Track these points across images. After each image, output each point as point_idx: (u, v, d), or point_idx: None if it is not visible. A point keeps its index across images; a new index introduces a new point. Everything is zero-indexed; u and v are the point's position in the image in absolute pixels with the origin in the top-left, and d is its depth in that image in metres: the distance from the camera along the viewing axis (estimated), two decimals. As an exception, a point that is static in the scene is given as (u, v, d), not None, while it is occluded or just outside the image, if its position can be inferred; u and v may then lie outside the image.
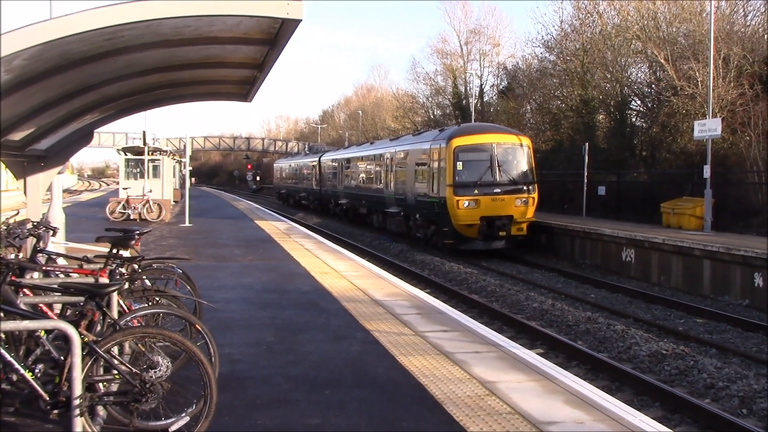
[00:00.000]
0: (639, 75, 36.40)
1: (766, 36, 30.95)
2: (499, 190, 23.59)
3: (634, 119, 36.31)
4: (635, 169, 30.94)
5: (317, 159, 47.71)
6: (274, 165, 73.97)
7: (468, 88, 57.44)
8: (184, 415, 5.22)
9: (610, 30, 35.89)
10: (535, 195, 24.33)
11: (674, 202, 23.39)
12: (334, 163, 42.54)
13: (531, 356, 8.00)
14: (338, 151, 45.50)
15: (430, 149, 25.46)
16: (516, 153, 24.40)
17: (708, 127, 21.62)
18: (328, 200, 43.92)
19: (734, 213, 22.49)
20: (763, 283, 16.19)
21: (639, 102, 36.32)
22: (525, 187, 23.94)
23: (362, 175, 35.93)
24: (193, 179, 70.71)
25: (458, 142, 23.90)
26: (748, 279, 16.60)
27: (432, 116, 60.10)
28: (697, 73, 27.35)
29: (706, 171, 21.43)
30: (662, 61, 30.16)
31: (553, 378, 7.04)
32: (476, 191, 23.40)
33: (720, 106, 26.02)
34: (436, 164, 24.67)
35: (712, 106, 23.49)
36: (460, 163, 23.63)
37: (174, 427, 5.14)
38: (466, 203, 23.28)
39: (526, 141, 25.00)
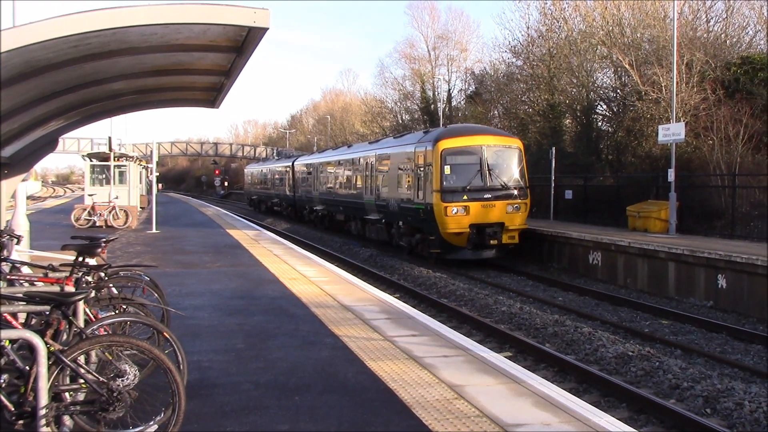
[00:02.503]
0: (604, 80, 36.90)
1: (728, 42, 31.58)
2: (490, 196, 22.29)
3: (600, 123, 36.77)
4: (601, 173, 31.28)
5: (291, 163, 46.17)
6: (245, 170, 72.46)
7: (436, 93, 57.78)
8: (152, 423, 5.20)
9: (576, 35, 36.30)
10: (528, 200, 23.23)
11: (640, 205, 23.68)
12: (308, 168, 41.05)
13: (499, 360, 8.07)
14: (313, 155, 43.90)
15: (414, 152, 24.14)
16: (507, 156, 23.20)
17: (672, 132, 21.95)
18: (303, 206, 42.49)
19: (698, 216, 22.83)
20: (727, 284, 16.47)
21: (605, 106, 36.78)
22: (517, 192, 22.71)
23: (339, 180, 34.35)
24: (160, 185, 70.13)
25: (446, 144, 22.54)
26: (712, 280, 16.88)
27: (400, 121, 60.36)
28: (661, 78, 27.77)
29: (671, 175, 21.75)
30: (627, 66, 30.58)
31: (521, 381, 7.11)
32: (465, 197, 22.08)
33: (683, 111, 26.45)
34: (421, 168, 23.35)
35: (676, 110, 23.87)
36: (448, 166, 22.30)
37: (142, 436, 5.12)
38: (455, 210, 21.96)
39: (516, 143, 23.87)
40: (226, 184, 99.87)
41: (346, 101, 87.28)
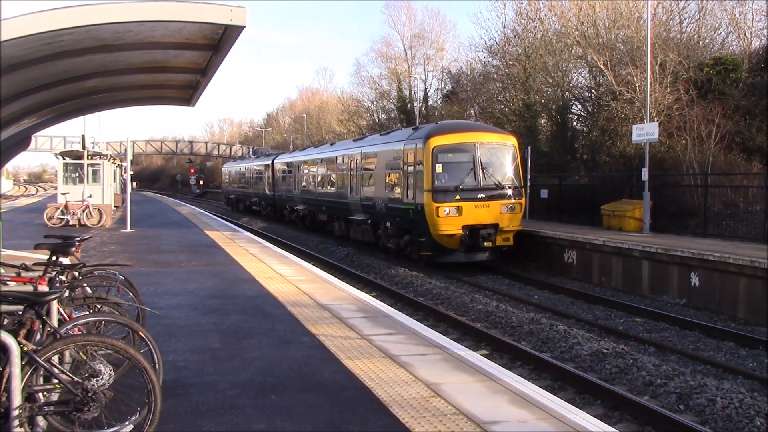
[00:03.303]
0: (579, 80, 37.18)
1: (700, 43, 31.96)
2: (484, 196, 21.21)
3: (575, 123, 37.06)
4: (576, 172, 31.49)
5: (270, 162, 44.94)
6: (223, 168, 70.68)
7: (412, 92, 57.92)
8: (127, 423, 5.16)
9: (551, 35, 36.53)
10: (523, 201, 22.25)
11: (614, 204, 23.86)
12: (289, 166, 39.64)
13: (476, 358, 8.10)
14: (294, 153, 42.47)
15: (404, 150, 22.90)
16: (501, 153, 22.11)
17: (646, 131, 22.14)
18: (283, 206, 41.15)
19: (672, 215, 23.05)
20: (699, 282, 16.67)
21: (580, 106, 37.07)
22: (511, 192, 21.68)
23: (322, 178, 33.03)
24: (134, 184, 69.48)
25: (437, 141, 21.34)
26: (685, 279, 17.07)
27: (377, 120, 60.39)
28: (635, 79, 28.04)
29: (645, 174, 21.94)
30: (602, 66, 30.84)
31: (497, 379, 7.15)
32: (458, 197, 20.96)
33: (657, 111, 26.72)
34: (411, 167, 22.18)
35: (650, 110, 24.09)
36: (440, 165, 21.13)
37: (117, 436, 5.08)
38: (447, 210, 20.85)
39: (511, 140, 22.67)
40: (201, 182, 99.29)
41: (323, 100, 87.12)
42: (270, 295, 11.96)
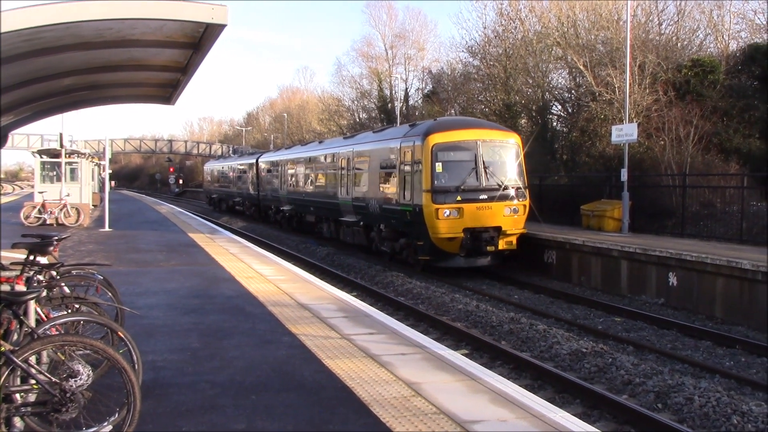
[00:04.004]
0: (559, 81, 37.41)
1: (679, 44, 32.25)
2: (486, 197, 20.06)
3: (555, 124, 37.24)
4: (556, 173, 31.65)
5: (255, 160, 43.65)
6: (204, 167, 69.11)
7: (393, 91, 57.94)
8: (106, 424, 5.13)
9: (531, 36, 36.71)
10: (527, 202, 21.01)
11: (593, 204, 23.98)
12: (275, 165, 38.41)
13: (456, 357, 8.12)
14: (280, 151, 41.19)
15: (400, 148, 21.70)
16: (504, 152, 20.96)
17: (625, 132, 22.31)
18: (268, 206, 40.04)
19: (650, 215, 23.22)
20: (677, 282, 16.81)
21: (560, 107, 37.27)
22: (515, 193, 20.52)
23: (310, 178, 31.77)
24: (113, 182, 69.07)
25: (437, 138, 20.15)
26: (663, 278, 17.21)
27: (357, 119, 60.44)
28: (615, 80, 28.24)
29: (624, 174, 22.10)
30: (581, 67, 31.04)
31: (477, 378, 7.17)
32: (459, 198, 19.82)
33: (636, 112, 26.93)
34: (408, 166, 21.00)
35: (629, 111, 24.29)
36: (440, 164, 19.98)
37: (96, 437, 5.05)
38: (447, 212, 19.69)
39: (514, 137, 21.46)
40: (180, 181, 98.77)
41: (303, 99, 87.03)
42: (250, 295, 11.91)
